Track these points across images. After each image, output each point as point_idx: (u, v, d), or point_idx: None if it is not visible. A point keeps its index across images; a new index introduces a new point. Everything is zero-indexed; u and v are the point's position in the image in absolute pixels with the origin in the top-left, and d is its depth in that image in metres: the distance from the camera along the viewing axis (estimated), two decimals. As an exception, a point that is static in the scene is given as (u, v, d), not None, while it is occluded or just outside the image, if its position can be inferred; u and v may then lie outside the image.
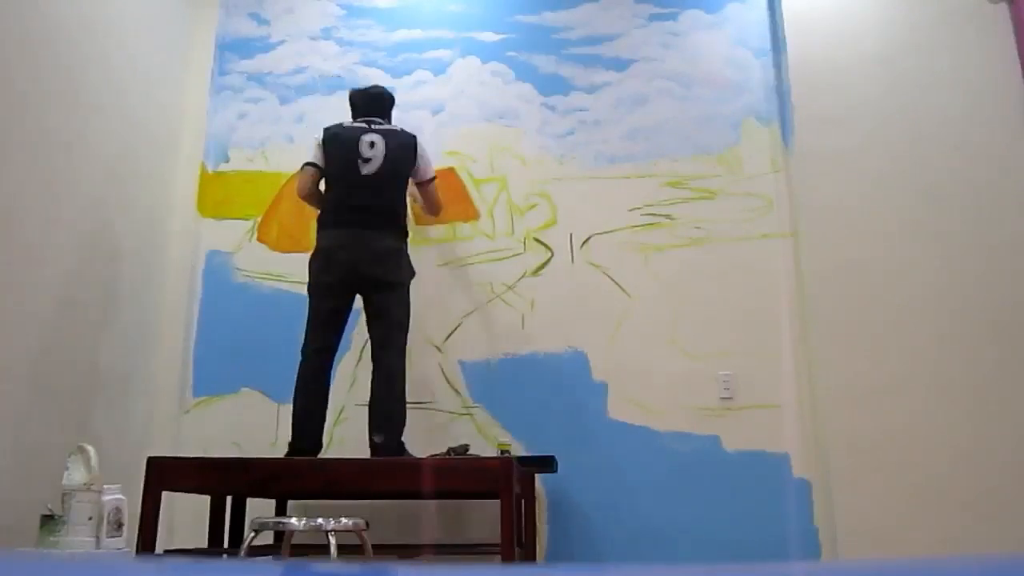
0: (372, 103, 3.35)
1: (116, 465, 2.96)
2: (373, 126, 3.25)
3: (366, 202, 3.14)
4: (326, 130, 3.27)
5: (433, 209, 3.52)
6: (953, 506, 3.11)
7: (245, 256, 3.79)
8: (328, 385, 3.11)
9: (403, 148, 3.26)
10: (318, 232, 3.18)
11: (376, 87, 3.44)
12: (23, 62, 2.84)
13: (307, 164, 3.26)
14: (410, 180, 3.34)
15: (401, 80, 4.00)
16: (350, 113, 3.36)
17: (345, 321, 3.17)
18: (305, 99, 3.96)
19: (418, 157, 3.30)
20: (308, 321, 3.12)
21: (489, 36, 4.04)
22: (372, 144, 3.18)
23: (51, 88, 2.99)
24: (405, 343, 3.17)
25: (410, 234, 3.31)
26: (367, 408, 3.06)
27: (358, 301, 3.21)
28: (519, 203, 3.81)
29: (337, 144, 3.21)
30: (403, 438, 3.05)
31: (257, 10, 4.16)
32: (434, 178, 3.41)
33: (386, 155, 3.17)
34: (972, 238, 3.40)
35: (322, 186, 3.28)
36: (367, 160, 3.16)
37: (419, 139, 3.34)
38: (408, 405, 3.47)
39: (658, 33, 4.00)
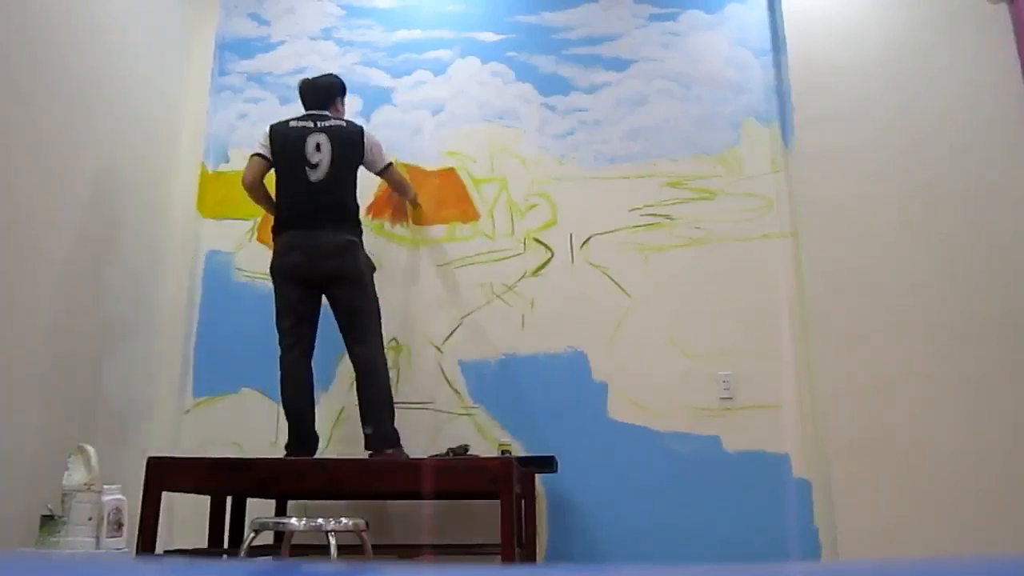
0: (317, 95, 3.36)
1: (116, 465, 2.96)
2: (319, 123, 3.25)
3: (315, 207, 3.16)
4: (272, 127, 3.28)
5: (403, 191, 3.61)
6: (953, 506, 3.11)
7: (245, 256, 3.79)
8: (310, 380, 3.13)
9: (350, 145, 3.27)
10: (273, 240, 3.22)
11: (324, 77, 3.43)
12: (23, 62, 2.84)
13: (255, 154, 3.28)
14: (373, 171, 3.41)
15: (401, 80, 4.00)
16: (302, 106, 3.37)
17: (313, 316, 3.18)
18: (305, 99, 3.95)
19: (366, 150, 3.31)
20: (277, 324, 3.14)
21: (489, 36, 4.04)
22: (318, 146, 3.19)
23: (51, 87, 2.99)
24: (380, 334, 3.19)
25: (364, 231, 3.30)
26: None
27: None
28: (519, 203, 3.81)
29: (283, 145, 3.22)
30: (396, 425, 3.07)
31: (257, 10, 4.16)
32: (390, 164, 3.43)
33: (333, 158, 3.19)
34: (972, 238, 3.40)
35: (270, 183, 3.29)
36: (314, 166, 3.17)
37: (366, 130, 3.36)
38: (408, 406, 3.48)
39: (658, 33, 4.00)
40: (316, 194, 3.17)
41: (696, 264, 3.67)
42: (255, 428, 3.53)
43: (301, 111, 3.34)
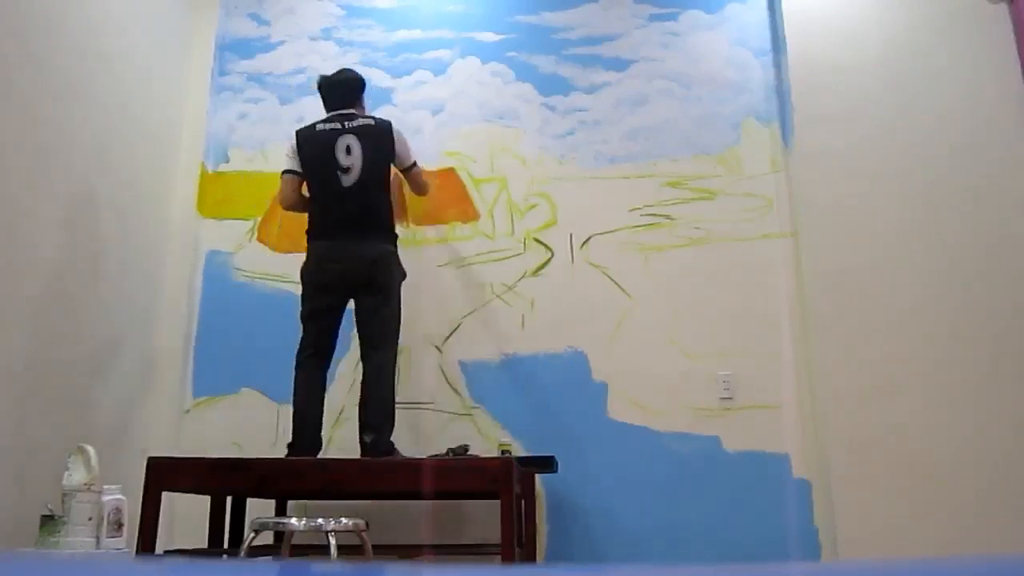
0: (340, 92, 3.30)
1: (116, 465, 2.96)
2: (346, 124, 3.20)
3: (350, 213, 3.13)
4: (298, 133, 3.25)
5: (420, 191, 3.52)
6: (953, 506, 3.11)
7: (245, 256, 3.79)
8: (324, 387, 3.12)
9: (380, 146, 3.22)
10: (308, 243, 3.19)
11: (342, 72, 3.38)
12: (23, 62, 2.84)
13: (286, 172, 3.24)
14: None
15: (401, 80, 4.00)
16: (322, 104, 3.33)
17: (338, 324, 3.17)
18: (305, 99, 3.95)
19: (396, 146, 3.26)
20: (303, 325, 3.13)
21: (489, 36, 4.04)
22: (348, 149, 3.15)
23: (51, 87, 2.99)
24: (396, 343, 3.16)
25: (400, 235, 3.30)
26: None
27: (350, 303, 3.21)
28: (519, 203, 3.81)
29: (312, 151, 3.18)
30: (394, 437, 3.05)
31: (257, 10, 4.16)
32: (415, 163, 3.38)
33: (363, 161, 3.14)
34: (972, 238, 3.40)
35: (304, 191, 3.27)
36: (346, 170, 3.13)
37: (394, 126, 3.30)
38: (408, 406, 3.48)
39: (658, 33, 4.00)
40: (349, 199, 3.13)
41: (696, 264, 3.66)
42: (255, 428, 3.53)
43: (299, 110, 3.33)
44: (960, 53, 3.61)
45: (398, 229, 3.30)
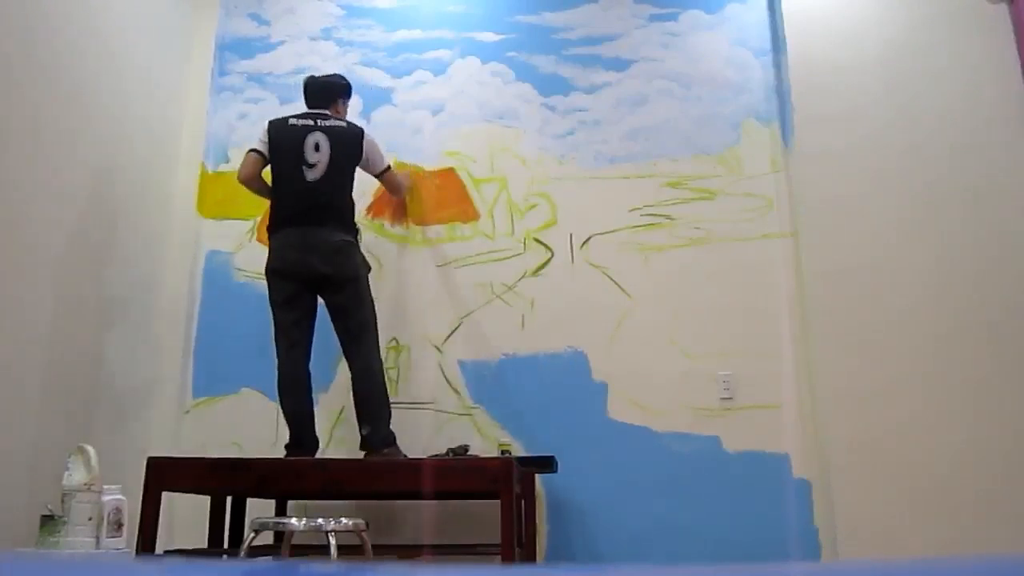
0: (321, 93, 3.36)
1: (116, 465, 2.96)
2: (319, 122, 3.24)
3: (311, 206, 3.15)
4: (271, 123, 3.28)
5: (397, 193, 3.66)
6: (953, 506, 3.11)
7: (245, 256, 3.79)
8: (308, 382, 3.13)
9: (348, 149, 3.26)
10: (269, 238, 3.21)
11: (330, 76, 3.44)
12: (23, 62, 2.84)
13: (252, 150, 3.28)
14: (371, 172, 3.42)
15: (401, 80, 4.00)
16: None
17: (311, 315, 3.18)
18: (305, 99, 3.95)
19: (365, 152, 3.32)
20: (273, 318, 3.14)
21: (489, 36, 4.04)
22: (317, 146, 3.18)
23: (50, 88, 2.99)
24: (376, 335, 3.18)
25: (360, 231, 3.32)
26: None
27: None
28: (519, 203, 3.81)
29: (282, 143, 3.22)
30: (392, 427, 3.07)
31: (257, 10, 4.16)
32: (388, 167, 3.46)
33: (331, 158, 3.18)
34: (972, 238, 3.40)
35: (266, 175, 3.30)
36: (312, 165, 3.17)
37: (366, 132, 3.36)
38: (408, 406, 3.48)
39: (658, 33, 4.00)
40: (312, 193, 3.16)
41: (696, 264, 3.66)
42: (255, 428, 3.53)
43: (299, 111, 3.34)
44: (960, 53, 3.61)
45: (400, 229, 3.30)
